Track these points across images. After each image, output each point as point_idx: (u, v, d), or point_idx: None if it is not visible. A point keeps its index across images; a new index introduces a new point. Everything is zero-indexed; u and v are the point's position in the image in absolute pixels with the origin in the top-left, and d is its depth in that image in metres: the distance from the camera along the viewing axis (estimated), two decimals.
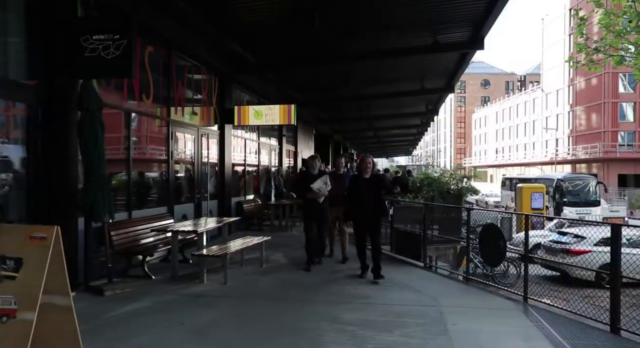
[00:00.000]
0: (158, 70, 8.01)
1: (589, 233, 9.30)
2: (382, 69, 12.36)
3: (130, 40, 5.39)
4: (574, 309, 5.58)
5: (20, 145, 5.35)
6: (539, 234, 12.58)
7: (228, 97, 10.78)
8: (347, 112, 19.21)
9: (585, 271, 7.94)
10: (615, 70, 39.96)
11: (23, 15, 5.40)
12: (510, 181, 29.14)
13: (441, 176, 14.23)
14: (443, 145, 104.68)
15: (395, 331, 4.63)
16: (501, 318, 5.25)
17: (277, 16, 7.93)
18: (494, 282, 7.43)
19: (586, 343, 4.65)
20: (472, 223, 7.49)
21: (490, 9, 7.72)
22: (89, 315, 4.66)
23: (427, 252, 8.17)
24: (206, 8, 7.15)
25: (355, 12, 7.96)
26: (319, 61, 10.44)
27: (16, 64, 5.36)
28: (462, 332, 4.66)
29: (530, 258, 6.89)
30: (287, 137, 16.54)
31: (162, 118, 8.24)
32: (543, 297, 6.21)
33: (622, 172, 43.11)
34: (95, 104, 5.45)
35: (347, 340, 4.38)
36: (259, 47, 9.37)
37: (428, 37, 9.14)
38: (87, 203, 5.36)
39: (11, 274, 3.40)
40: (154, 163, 8.27)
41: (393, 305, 5.53)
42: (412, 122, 24.13)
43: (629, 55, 13.35)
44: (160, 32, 7.37)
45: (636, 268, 5.43)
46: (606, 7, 12.79)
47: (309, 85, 13.91)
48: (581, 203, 21.88)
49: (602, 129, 44.35)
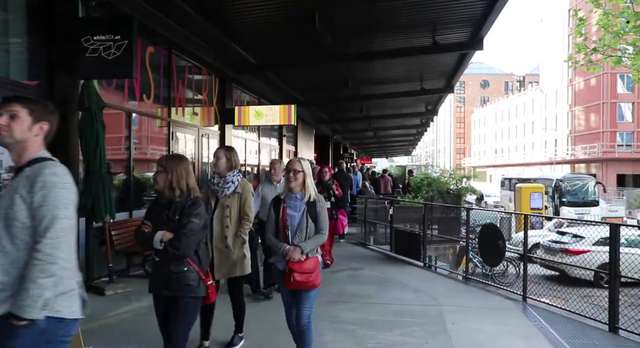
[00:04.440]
0: (159, 71, 8.03)
1: (587, 233, 9.34)
2: (382, 69, 12.37)
3: (131, 41, 5.40)
4: (573, 309, 5.61)
5: None
6: (538, 234, 12.60)
7: (228, 98, 10.80)
8: (347, 112, 19.21)
9: (584, 271, 7.97)
10: (614, 71, 39.98)
11: (24, 16, 5.41)
12: (510, 181, 29.16)
13: (441, 176, 14.27)
14: (442, 146, 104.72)
15: (395, 330, 4.65)
16: (500, 317, 5.27)
17: (277, 16, 7.94)
18: (493, 281, 7.47)
19: (585, 343, 4.68)
20: (472, 223, 7.52)
21: (489, 10, 7.74)
22: (90, 315, 4.66)
23: (427, 252, 8.20)
24: (206, 8, 7.17)
25: (355, 13, 7.98)
26: (319, 61, 10.45)
27: (17, 64, 5.37)
28: (462, 331, 4.68)
29: (530, 258, 6.92)
30: (288, 137, 16.56)
31: (162, 118, 8.25)
32: (542, 297, 6.24)
33: (620, 172, 43.17)
34: (96, 105, 5.46)
35: (346, 339, 4.41)
36: (259, 47, 9.38)
37: (428, 37, 9.16)
38: (88, 203, 5.38)
39: None
40: (154, 163, 8.27)
41: (393, 305, 5.55)
42: (412, 122, 24.14)
43: (627, 55, 13.39)
44: (161, 32, 7.38)
45: (634, 268, 5.46)
46: (605, 8, 12.82)
47: (309, 86, 13.92)
48: (580, 203, 21.90)
49: (600, 129, 44.39)
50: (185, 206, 2.95)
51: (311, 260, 3.41)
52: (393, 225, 9.17)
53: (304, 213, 3.45)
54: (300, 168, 3.46)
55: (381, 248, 9.47)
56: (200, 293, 3.05)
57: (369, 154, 45.74)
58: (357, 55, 10.21)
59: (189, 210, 2.93)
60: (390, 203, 9.79)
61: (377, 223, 10.62)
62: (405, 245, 8.59)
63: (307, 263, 3.38)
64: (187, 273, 2.98)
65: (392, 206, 9.51)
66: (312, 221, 3.45)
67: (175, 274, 2.97)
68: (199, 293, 3.04)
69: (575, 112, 48.55)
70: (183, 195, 2.98)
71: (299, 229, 3.44)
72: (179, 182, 2.97)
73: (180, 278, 2.98)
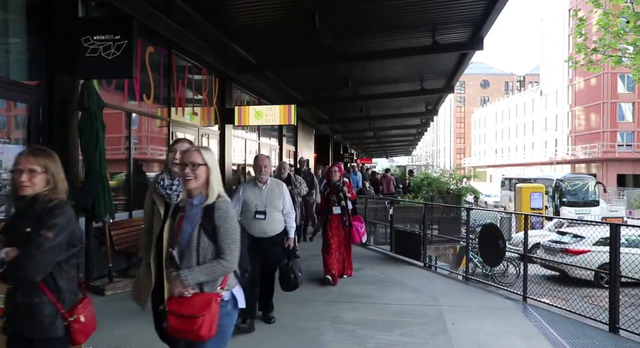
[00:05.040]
0: (158, 71, 8.03)
1: (588, 233, 9.34)
2: (382, 69, 12.38)
3: (130, 41, 5.40)
4: (573, 309, 5.60)
5: (21, 145, 5.36)
6: (538, 234, 12.60)
7: (228, 98, 10.80)
8: (347, 112, 19.21)
9: (584, 271, 7.96)
10: (614, 71, 39.99)
11: (24, 16, 5.41)
12: (510, 181, 29.16)
13: (441, 176, 14.28)
14: (443, 146, 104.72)
15: (395, 330, 4.65)
16: (500, 317, 5.27)
17: (277, 16, 7.94)
18: (493, 281, 7.47)
19: (585, 343, 4.67)
20: (472, 223, 7.52)
21: (489, 10, 7.74)
22: None
23: (427, 252, 8.19)
24: (206, 8, 7.17)
25: (355, 13, 7.98)
26: (319, 61, 10.45)
27: (17, 64, 5.37)
28: (462, 331, 4.68)
29: (530, 258, 6.92)
30: (287, 137, 16.55)
31: (162, 118, 8.25)
32: (542, 297, 6.23)
33: (621, 172, 43.16)
34: (96, 104, 5.46)
35: (346, 339, 4.40)
36: (259, 47, 9.39)
37: (428, 37, 9.16)
38: (88, 203, 5.37)
39: None
40: (154, 163, 8.28)
41: (393, 305, 5.55)
42: (412, 122, 24.13)
43: (627, 55, 13.38)
44: (161, 32, 7.38)
45: (635, 268, 5.46)
46: (605, 8, 12.81)
47: (309, 86, 13.92)
48: (580, 203, 21.90)
49: (601, 129, 44.38)
50: (43, 214, 2.21)
51: (199, 299, 2.35)
52: (393, 225, 9.17)
53: (195, 227, 2.42)
54: (200, 160, 2.46)
55: (381, 248, 9.47)
56: (56, 333, 2.22)
57: (369, 153, 45.73)
58: (357, 55, 10.21)
59: (45, 219, 2.19)
60: (390, 203, 9.79)
61: (377, 223, 10.62)
62: (406, 245, 8.59)
63: (192, 302, 2.33)
64: (38, 305, 2.20)
65: (392, 206, 9.52)
66: (209, 238, 2.39)
67: (24, 306, 2.21)
68: (54, 334, 2.22)
69: (576, 112, 48.54)
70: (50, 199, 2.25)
71: (188, 249, 2.40)
72: (58, 182, 2.30)
73: (29, 312, 2.20)
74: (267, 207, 4.51)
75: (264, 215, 4.48)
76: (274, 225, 4.57)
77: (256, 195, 4.55)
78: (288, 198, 4.73)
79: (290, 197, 4.88)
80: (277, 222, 4.59)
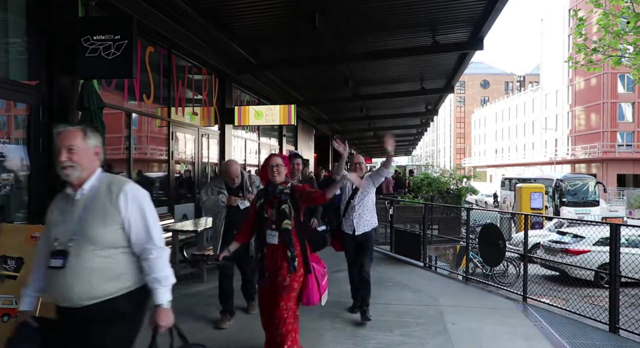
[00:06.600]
0: (158, 71, 8.03)
1: (588, 233, 9.34)
2: (382, 69, 12.37)
3: (130, 41, 5.40)
4: (573, 309, 5.60)
5: (21, 145, 5.36)
6: (538, 234, 12.60)
7: (228, 98, 10.80)
8: (347, 112, 19.21)
9: (584, 271, 7.97)
10: (614, 71, 40.00)
11: (24, 16, 5.41)
12: (510, 181, 29.18)
13: (441, 176, 14.28)
14: (443, 145, 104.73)
15: (395, 330, 4.65)
16: (500, 317, 5.26)
17: (277, 17, 7.94)
18: (493, 281, 7.48)
19: (585, 343, 4.67)
20: (472, 223, 7.52)
21: (489, 10, 7.74)
22: None
23: (427, 252, 8.19)
24: (206, 8, 7.17)
25: (355, 13, 7.98)
26: (319, 61, 10.45)
27: (17, 64, 5.37)
28: (462, 331, 4.68)
29: (530, 258, 6.92)
30: (287, 137, 16.55)
31: (162, 118, 8.25)
32: (542, 297, 6.24)
33: (621, 172, 43.16)
34: (96, 104, 5.45)
35: (346, 339, 4.40)
36: (259, 47, 9.39)
37: (428, 37, 9.16)
38: None
39: (13, 274, 3.42)
40: (154, 163, 8.28)
41: (393, 305, 5.55)
42: (412, 122, 24.14)
43: (627, 55, 13.38)
44: (161, 32, 7.38)
45: (635, 268, 5.46)
46: (605, 8, 12.81)
47: (309, 86, 13.93)
48: (580, 203, 21.92)
49: (601, 129, 44.38)
50: None
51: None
52: (393, 225, 9.17)
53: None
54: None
55: (381, 248, 9.46)
56: None
57: (369, 154, 45.73)
58: (357, 55, 10.21)
59: None
60: (390, 203, 9.79)
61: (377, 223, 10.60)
62: (406, 245, 8.59)
63: None
64: None
65: (392, 206, 9.51)
66: None
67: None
68: None
69: (576, 112, 48.54)
70: None
71: None
72: None
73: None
74: None
75: None
76: None
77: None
78: None
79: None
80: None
